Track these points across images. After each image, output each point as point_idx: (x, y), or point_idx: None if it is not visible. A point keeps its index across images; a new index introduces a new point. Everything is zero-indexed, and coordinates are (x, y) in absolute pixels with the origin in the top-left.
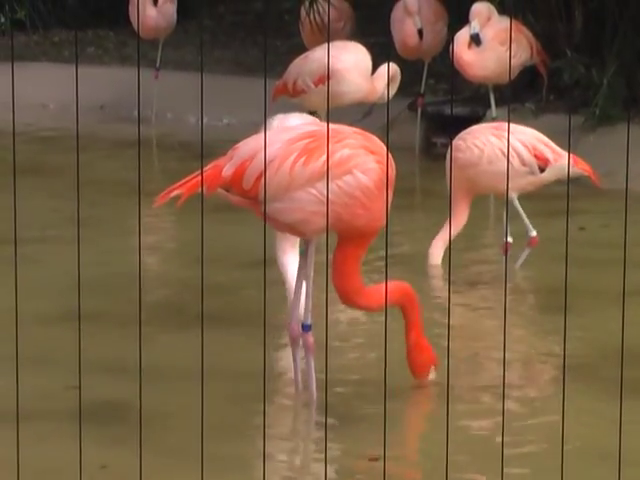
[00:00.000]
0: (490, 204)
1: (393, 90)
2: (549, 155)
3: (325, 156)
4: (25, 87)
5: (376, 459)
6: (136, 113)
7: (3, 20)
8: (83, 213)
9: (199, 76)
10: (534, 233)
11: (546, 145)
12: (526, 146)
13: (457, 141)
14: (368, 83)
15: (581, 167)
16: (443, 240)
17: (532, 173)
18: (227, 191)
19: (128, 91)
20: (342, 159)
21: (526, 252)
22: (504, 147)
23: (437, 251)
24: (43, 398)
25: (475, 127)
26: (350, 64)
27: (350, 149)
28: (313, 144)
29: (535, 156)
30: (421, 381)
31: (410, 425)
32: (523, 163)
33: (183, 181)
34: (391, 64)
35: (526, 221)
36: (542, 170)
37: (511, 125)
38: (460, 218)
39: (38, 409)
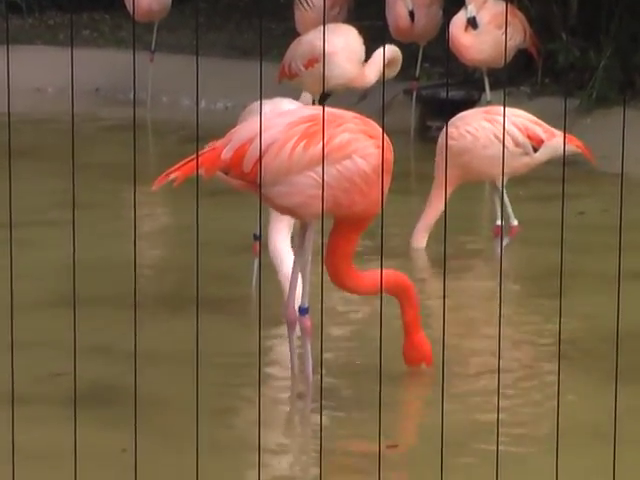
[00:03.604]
0: (485, 189)
1: (394, 72)
2: (542, 134)
3: (326, 140)
4: (20, 70)
5: (395, 446)
6: (131, 96)
7: None
8: (79, 197)
9: (194, 59)
10: (516, 222)
11: (538, 125)
12: (519, 127)
13: (449, 129)
14: (356, 68)
15: (575, 144)
16: (426, 225)
17: (526, 154)
18: (226, 174)
19: (123, 74)
20: (342, 143)
21: (506, 240)
22: (497, 131)
23: (421, 236)
24: (37, 382)
25: (465, 113)
26: (338, 47)
27: (350, 133)
28: (313, 128)
29: (528, 136)
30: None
31: (405, 410)
32: (517, 144)
33: (181, 163)
34: (391, 46)
35: (509, 210)
36: (535, 150)
37: (500, 108)
38: (439, 204)
39: (33, 393)
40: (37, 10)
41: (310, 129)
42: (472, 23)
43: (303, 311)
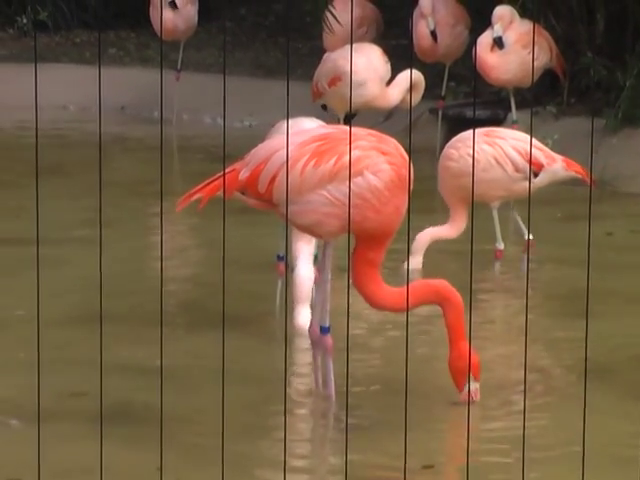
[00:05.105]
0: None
1: (416, 98)
2: (542, 159)
3: (335, 158)
4: (47, 88)
5: (430, 467)
6: (157, 114)
7: (25, 21)
8: (104, 214)
9: (220, 78)
10: (502, 246)
11: (539, 149)
12: (519, 152)
13: (449, 150)
14: (378, 87)
15: (573, 169)
16: (432, 236)
17: (526, 179)
18: (243, 194)
19: (149, 92)
20: (352, 160)
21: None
22: (497, 154)
23: (421, 244)
24: (64, 399)
25: (465, 134)
26: (360, 67)
27: (361, 150)
28: (324, 146)
29: (528, 162)
30: (448, 385)
31: (440, 430)
32: (517, 169)
33: (203, 184)
34: (414, 71)
35: (498, 233)
36: (536, 175)
37: (503, 130)
38: (459, 224)
39: (58, 410)
40: (64, 28)
41: (320, 148)
42: (498, 43)
43: (324, 330)
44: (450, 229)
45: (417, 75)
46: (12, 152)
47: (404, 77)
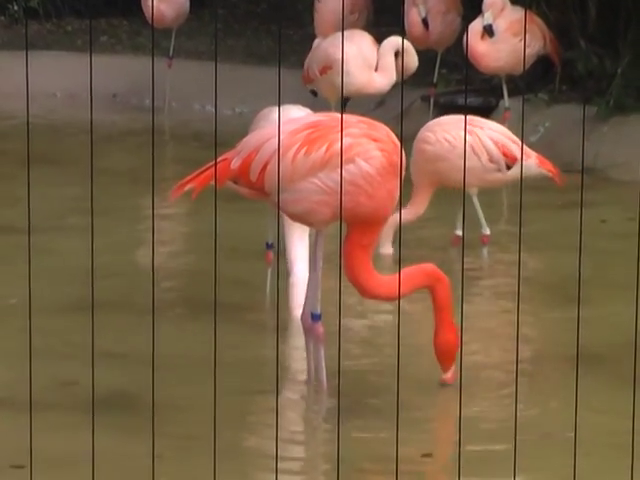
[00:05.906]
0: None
1: (413, 62)
2: (517, 153)
3: (326, 146)
4: (38, 76)
5: (429, 455)
6: (148, 102)
7: (16, 8)
8: (96, 202)
9: (212, 65)
10: (487, 231)
11: (515, 143)
12: (495, 143)
13: (425, 133)
14: (365, 76)
15: (545, 167)
16: (391, 224)
17: (499, 170)
18: (235, 183)
19: (141, 80)
20: (344, 148)
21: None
22: (474, 143)
23: (386, 238)
24: (55, 388)
25: (443, 118)
26: (349, 55)
27: (352, 138)
28: (315, 134)
29: (503, 153)
30: (437, 371)
31: (435, 419)
32: (491, 160)
33: (195, 174)
34: (397, 38)
35: (482, 219)
36: (509, 167)
37: (480, 120)
38: (419, 207)
39: (50, 399)
40: (55, 16)
41: (311, 135)
42: (488, 31)
43: (316, 317)
44: (407, 213)
45: (397, 43)
46: (4, 140)
47: (385, 59)
